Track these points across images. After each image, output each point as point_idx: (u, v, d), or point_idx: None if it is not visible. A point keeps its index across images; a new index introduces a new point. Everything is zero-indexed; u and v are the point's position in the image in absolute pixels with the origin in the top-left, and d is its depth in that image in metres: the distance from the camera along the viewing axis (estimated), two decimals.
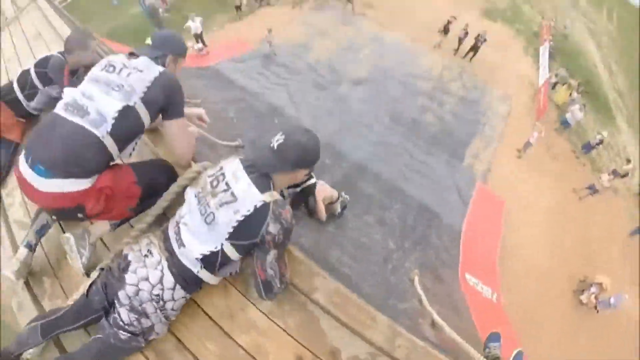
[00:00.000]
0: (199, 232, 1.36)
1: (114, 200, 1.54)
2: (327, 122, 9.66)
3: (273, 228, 1.30)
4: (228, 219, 1.31)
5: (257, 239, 1.32)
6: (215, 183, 1.41)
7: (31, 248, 1.84)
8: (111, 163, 1.55)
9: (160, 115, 1.65)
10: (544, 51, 15.10)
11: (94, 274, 1.54)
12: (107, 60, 1.62)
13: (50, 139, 1.42)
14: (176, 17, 15.03)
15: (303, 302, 1.54)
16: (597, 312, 8.09)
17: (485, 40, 13.34)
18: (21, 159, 1.43)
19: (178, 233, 1.41)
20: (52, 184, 1.38)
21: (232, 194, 1.34)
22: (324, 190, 2.02)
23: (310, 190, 1.91)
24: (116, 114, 1.45)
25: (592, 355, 7.33)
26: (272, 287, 1.39)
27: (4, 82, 3.31)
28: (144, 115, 1.54)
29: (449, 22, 13.71)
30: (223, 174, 1.42)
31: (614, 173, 10.80)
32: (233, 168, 1.41)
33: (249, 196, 1.32)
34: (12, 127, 2.62)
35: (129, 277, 1.36)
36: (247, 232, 1.31)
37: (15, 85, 2.59)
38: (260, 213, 1.30)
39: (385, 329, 1.43)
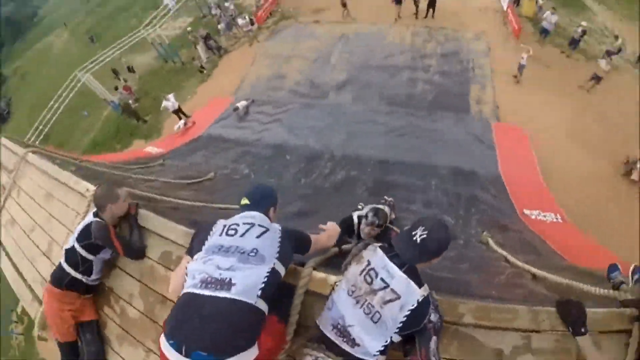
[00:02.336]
0: (368, 329, 1.43)
1: (275, 352, 1.63)
2: (332, 135, 9.35)
3: (434, 317, 1.44)
4: (395, 315, 1.40)
5: (419, 328, 1.43)
6: (369, 280, 1.48)
7: None
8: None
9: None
10: None
11: None
12: (223, 224, 1.66)
13: (203, 321, 1.33)
14: (147, 102, 15.06)
15: (455, 330, 1.69)
16: None
17: None
18: (167, 348, 1.32)
19: (345, 335, 1.46)
20: None
21: (393, 291, 1.43)
22: None
23: None
24: (263, 283, 1.46)
25: None
26: None
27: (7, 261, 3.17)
28: (281, 270, 1.57)
29: None
30: (373, 269, 1.49)
31: (609, 53, 10.96)
32: (380, 262, 1.50)
33: (410, 292, 1.42)
34: (83, 308, 2.49)
35: None
36: (412, 324, 1.41)
37: (66, 266, 2.39)
38: (423, 306, 1.41)
39: (525, 313, 1.66)
